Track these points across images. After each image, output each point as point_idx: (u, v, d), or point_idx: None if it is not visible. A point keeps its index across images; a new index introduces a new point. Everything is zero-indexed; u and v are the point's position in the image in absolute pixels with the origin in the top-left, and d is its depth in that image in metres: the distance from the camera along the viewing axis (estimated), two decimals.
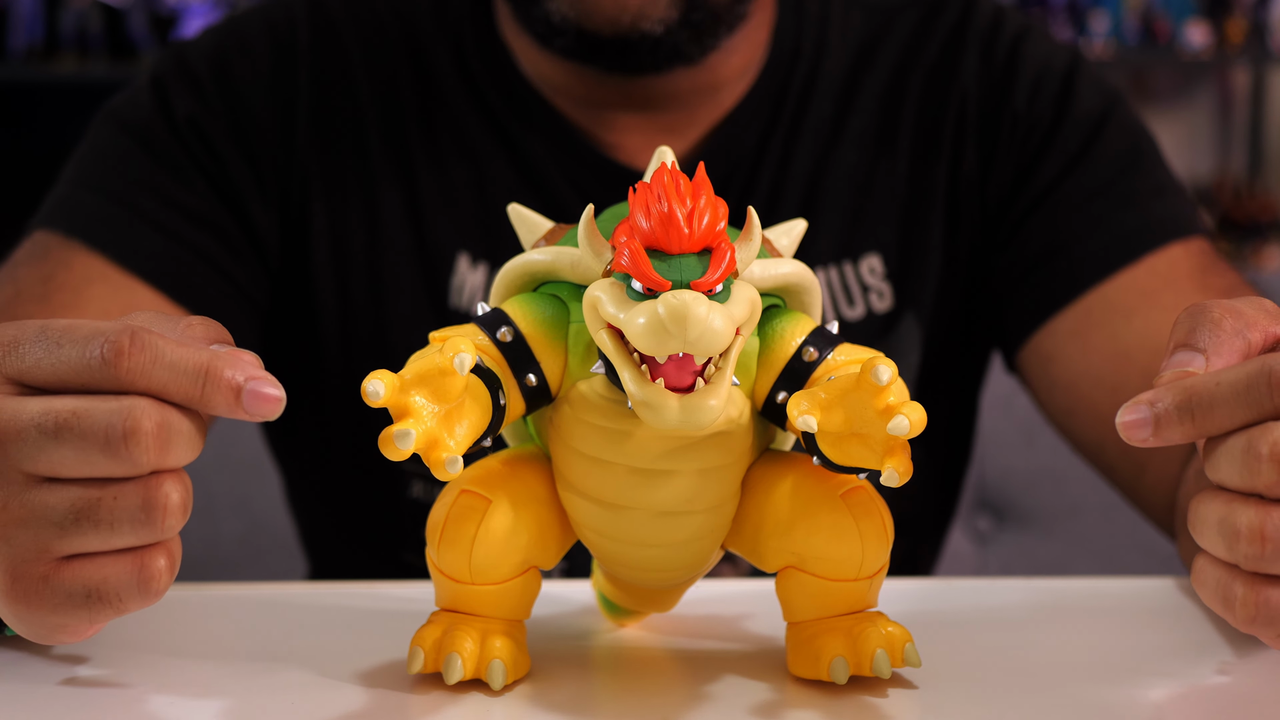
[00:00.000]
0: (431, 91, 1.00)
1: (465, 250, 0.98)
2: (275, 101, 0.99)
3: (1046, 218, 0.99)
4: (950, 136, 1.01)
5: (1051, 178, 1.00)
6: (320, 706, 0.60)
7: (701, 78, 0.97)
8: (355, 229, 0.99)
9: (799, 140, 1.00)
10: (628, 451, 0.58)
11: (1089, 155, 1.00)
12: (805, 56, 1.01)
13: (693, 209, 0.54)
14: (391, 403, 0.54)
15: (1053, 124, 1.00)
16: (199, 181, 0.97)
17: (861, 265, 0.99)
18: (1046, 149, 1.00)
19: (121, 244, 0.95)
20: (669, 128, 0.99)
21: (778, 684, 0.62)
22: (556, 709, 0.60)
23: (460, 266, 0.98)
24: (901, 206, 1.00)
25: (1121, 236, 0.98)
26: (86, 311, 0.92)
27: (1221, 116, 3.66)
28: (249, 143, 0.98)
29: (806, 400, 0.56)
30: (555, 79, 0.98)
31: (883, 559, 0.61)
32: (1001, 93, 1.01)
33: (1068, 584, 0.79)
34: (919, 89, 1.01)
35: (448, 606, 0.62)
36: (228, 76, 0.99)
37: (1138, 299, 0.96)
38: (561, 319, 0.60)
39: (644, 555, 0.61)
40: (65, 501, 0.54)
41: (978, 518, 1.64)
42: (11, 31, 3.18)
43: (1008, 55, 1.01)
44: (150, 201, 0.96)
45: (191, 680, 0.63)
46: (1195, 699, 0.61)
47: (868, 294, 0.99)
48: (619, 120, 0.98)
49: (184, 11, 3.16)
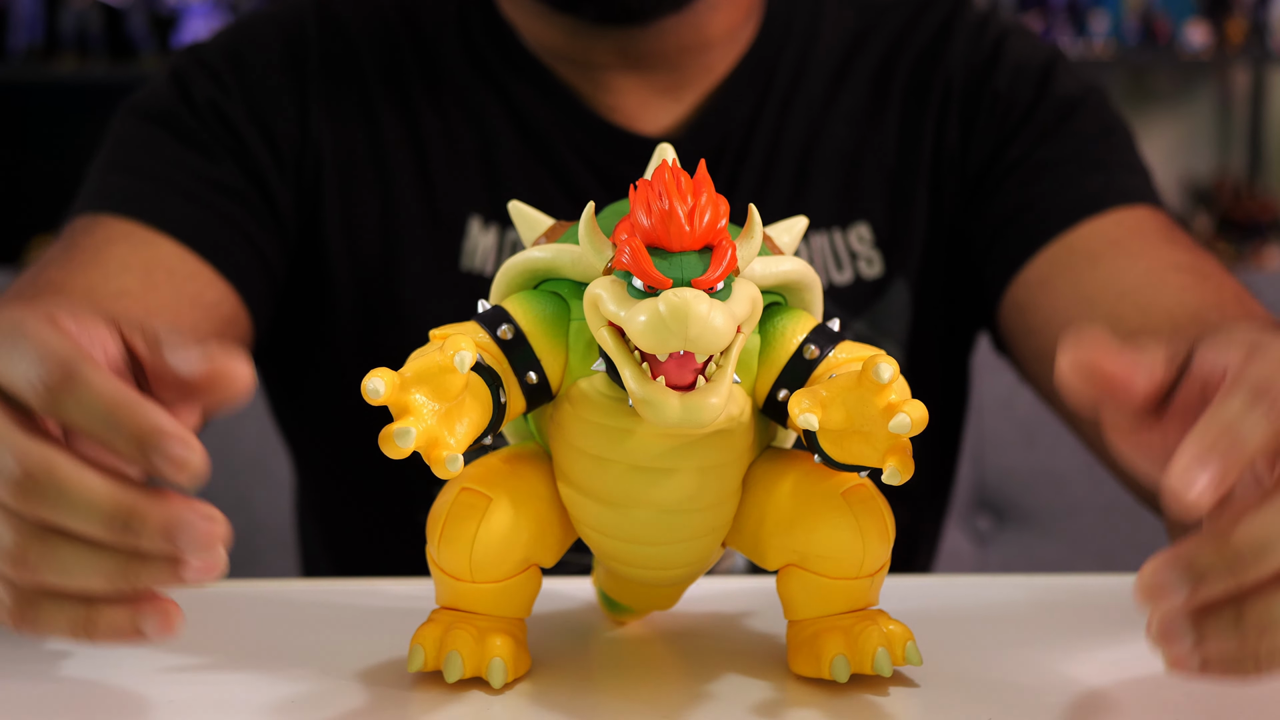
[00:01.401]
0: (435, 64, 1.04)
1: (477, 213, 1.01)
2: (288, 83, 1.03)
3: (1019, 182, 1.02)
4: (934, 114, 1.05)
5: (1025, 148, 1.03)
6: (320, 705, 0.60)
7: (688, 34, 1.02)
8: (367, 200, 1.02)
9: (791, 114, 1.04)
10: (628, 449, 0.58)
11: (1063, 129, 1.03)
12: (797, 35, 1.06)
13: (694, 206, 0.54)
14: (392, 400, 0.54)
15: (1031, 103, 1.04)
16: (225, 159, 1.00)
17: (850, 233, 1.03)
18: (1023, 124, 1.04)
19: (150, 208, 0.96)
20: (664, 89, 1.03)
21: (778, 682, 0.62)
22: (557, 707, 0.60)
23: (472, 229, 1.01)
24: (889, 179, 1.04)
25: (1090, 193, 1.00)
26: (107, 267, 0.92)
27: (1221, 116, 3.66)
28: (266, 123, 1.01)
29: (808, 398, 0.56)
30: (553, 43, 1.02)
31: (884, 557, 0.61)
32: (984, 75, 1.05)
33: (1069, 581, 0.79)
34: (907, 71, 1.06)
35: (448, 604, 0.62)
36: (242, 65, 1.03)
37: (1103, 245, 0.97)
38: (562, 316, 0.60)
39: (645, 553, 0.61)
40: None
41: (978, 518, 1.64)
42: (11, 31, 3.18)
43: (993, 45, 1.06)
44: (180, 175, 0.98)
45: (191, 678, 0.63)
46: (1195, 697, 0.61)
47: (856, 260, 1.03)
48: (615, 81, 1.02)
49: (184, 11, 3.16)
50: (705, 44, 1.03)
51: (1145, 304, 0.92)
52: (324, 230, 1.02)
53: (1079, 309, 0.96)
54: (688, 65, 1.03)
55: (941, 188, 1.05)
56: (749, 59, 1.05)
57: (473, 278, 1.00)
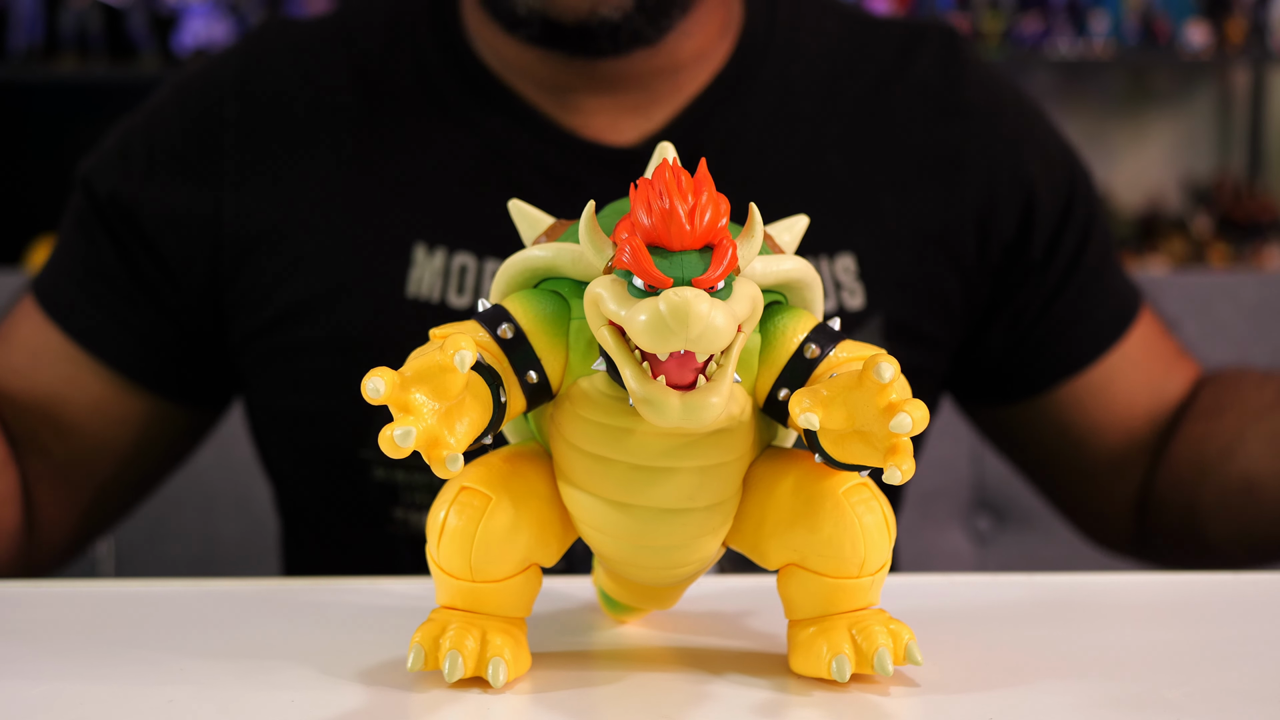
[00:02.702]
0: (376, 88, 1.03)
1: (421, 240, 1.00)
2: (197, 162, 1.03)
3: (1053, 296, 1.08)
4: (943, 175, 1.05)
5: (1045, 253, 1.07)
6: (320, 705, 0.60)
7: (660, 59, 1.01)
8: (307, 235, 1.01)
9: (775, 136, 1.03)
10: (629, 449, 0.58)
11: (1083, 242, 1.08)
12: (776, 51, 1.05)
13: (694, 205, 0.54)
14: (392, 400, 0.54)
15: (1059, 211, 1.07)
16: (105, 245, 1.04)
17: (837, 263, 1.02)
18: (1046, 228, 1.07)
19: (47, 294, 1.05)
20: (632, 109, 1.02)
21: (779, 682, 0.62)
22: (557, 707, 0.59)
23: (418, 256, 1.00)
24: (877, 215, 1.03)
25: (1115, 313, 1.10)
26: (10, 341, 1.05)
27: (1221, 116, 3.66)
28: (169, 206, 1.03)
29: (808, 397, 0.56)
30: (519, 64, 1.02)
31: (884, 556, 0.61)
32: (997, 152, 1.06)
33: (1069, 580, 0.79)
34: (904, 111, 1.05)
35: (448, 604, 0.62)
36: (152, 147, 1.05)
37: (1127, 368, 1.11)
38: (562, 315, 0.60)
39: (645, 553, 0.61)
40: None
41: (978, 518, 1.64)
42: (11, 31, 3.18)
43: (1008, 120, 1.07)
44: (70, 261, 1.05)
45: (190, 677, 0.63)
46: (1195, 696, 0.61)
47: (840, 291, 1.02)
48: (583, 103, 1.02)
49: (184, 11, 3.16)
50: (677, 66, 1.02)
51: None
52: (262, 271, 1.02)
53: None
54: (657, 86, 1.02)
55: (955, 250, 1.04)
56: (723, 76, 1.03)
57: (419, 304, 0.99)
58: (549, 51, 0.99)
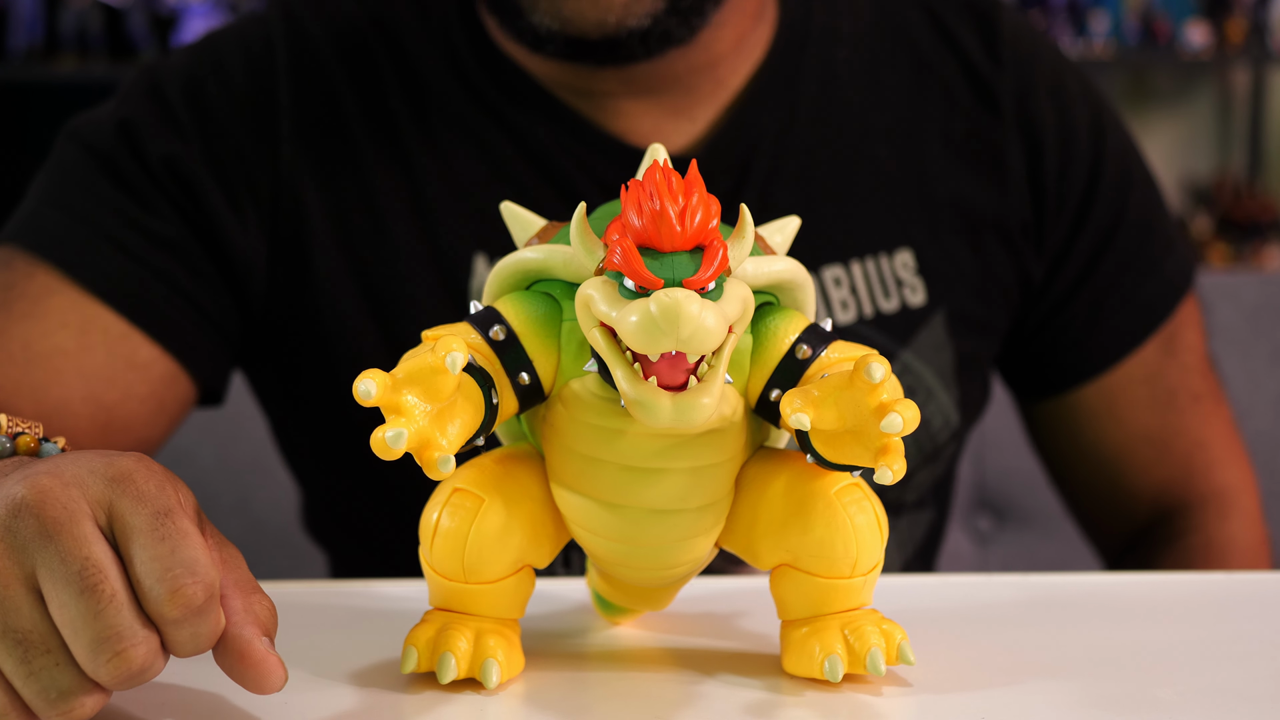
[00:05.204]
0: (424, 94, 0.98)
1: (482, 250, 0.96)
2: (257, 129, 0.97)
3: (1085, 295, 1.06)
4: (991, 158, 1.02)
5: (1088, 254, 1.05)
6: (314, 706, 0.60)
7: (696, 56, 0.96)
8: (363, 242, 0.97)
9: (825, 128, 1.00)
10: (621, 450, 0.58)
11: (1123, 219, 1.06)
12: (816, 36, 1.01)
13: (685, 207, 0.54)
14: (383, 402, 0.54)
15: (1089, 192, 1.05)
16: (167, 211, 0.95)
17: (896, 259, 0.99)
18: (1090, 209, 1.05)
19: (81, 263, 0.93)
20: (675, 111, 0.98)
21: (772, 682, 0.62)
22: (550, 708, 0.60)
23: (478, 268, 0.96)
24: (930, 205, 1.01)
25: (1150, 302, 1.08)
26: (45, 322, 0.91)
27: (1221, 116, 3.66)
28: (226, 171, 0.96)
29: (800, 398, 0.56)
30: (555, 76, 0.97)
31: (876, 557, 0.61)
32: (1040, 134, 1.03)
33: (1063, 580, 0.79)
34: (945, 96, 1.02)
35: (441, 606, 0.62)
36: (204, 110, 0.97)
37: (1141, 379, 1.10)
38: (554, 317, 0.60)
39: (637, 554, 0.61)
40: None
41: (978, 518, 1.64)
42: (11, 31, 3.18)
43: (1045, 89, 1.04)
44: (112, 221, 0.94)
45: (186, 678, 0.63)
46: (1195, 695, 0.61)
47: (902, 288, 0.99)
48: (623, 107, 0.97)
49: (184, 11, 3.16)
50: (715, 61, 0.97)
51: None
52: (314, 280, 0.97)
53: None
54: (698, 85, 0.97)
55: (1004, 234, 1.03)
56: (766, 67, 0.99)
57: None
58: (577, 65, 0.95)
